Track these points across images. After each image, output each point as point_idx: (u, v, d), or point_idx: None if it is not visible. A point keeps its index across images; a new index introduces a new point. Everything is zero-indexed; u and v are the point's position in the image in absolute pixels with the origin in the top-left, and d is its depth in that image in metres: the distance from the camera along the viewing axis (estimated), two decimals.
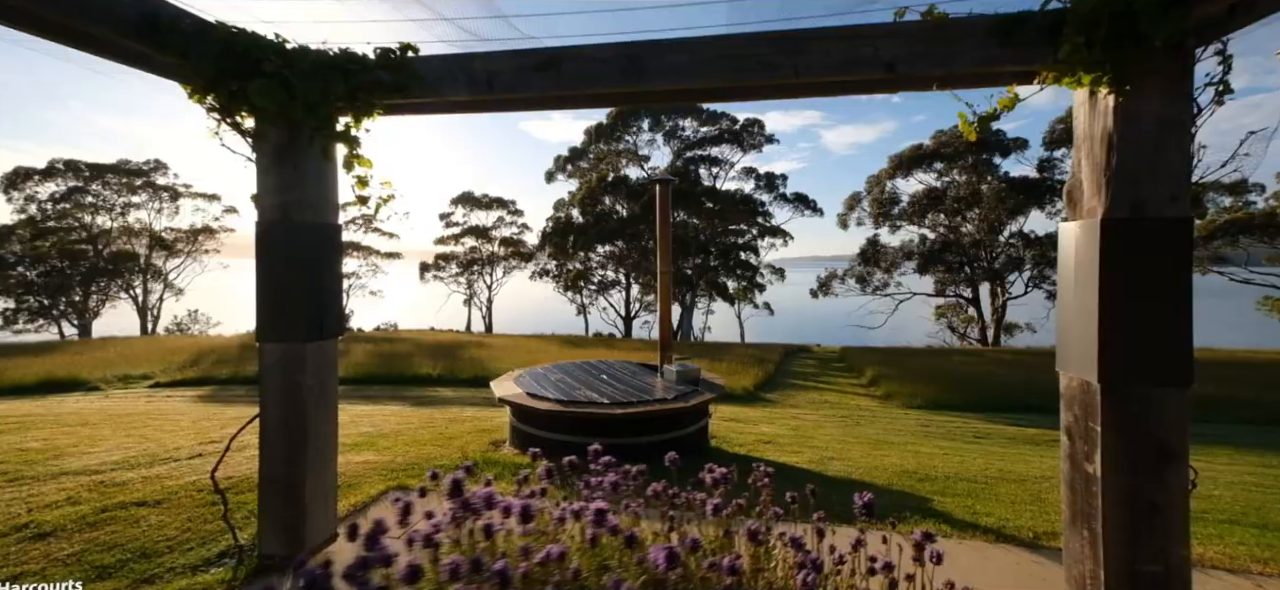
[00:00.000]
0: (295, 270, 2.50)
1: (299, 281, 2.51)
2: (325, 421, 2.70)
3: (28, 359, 15.31)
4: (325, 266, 2.63)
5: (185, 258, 35.38)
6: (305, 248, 2.53)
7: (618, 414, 4.65)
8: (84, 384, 13.34)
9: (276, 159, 2.47)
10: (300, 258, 2.51)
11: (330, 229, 2.65)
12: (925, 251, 29.89)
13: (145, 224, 34.41)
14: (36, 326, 30.74)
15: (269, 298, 2.52)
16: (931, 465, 5.59)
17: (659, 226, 6.17)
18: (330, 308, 2.65)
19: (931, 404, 12.92)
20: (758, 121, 30.39)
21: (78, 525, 3.07)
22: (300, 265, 2.51)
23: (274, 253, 2.51)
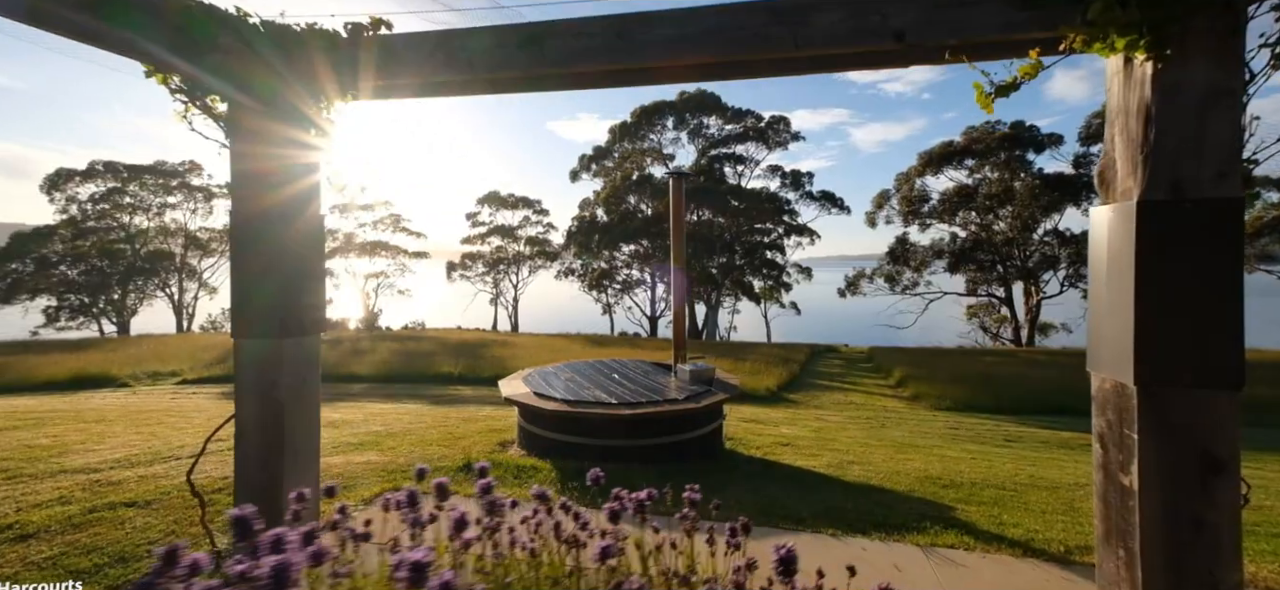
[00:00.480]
0: (272, 264, 2.41)
1: (276, 276, 2.43)
2: (305, 423, 2.61)
3: (63, 355, 15.95)
4: (304, 258, 2.54)
5: (218, 257, 36.49)
6: (285, 238, 2.44)
7: (624, 415, 4.51)
8: (114, 380, 13.81)
9: (251, 144, 2.39)
10: (277, 251, 2.42)
11: (311, 219, 2.57)
12: (956, 250, 29.02)
13: (181, 224, 35.62)
14: (77, 324, 31.95)
15: (243, 292, 2.44)
16: (957, 470, 5.31)
17: (673, 222, 6.02)
18: (310, 303, 2.57)
19: (961, 406, 12.46)
20: (783, 118, 29.94)
21: (62, 526, 3.06)
22: (278, 259, 2.42)
23: (248, 244, 2.43)
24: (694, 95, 30.06)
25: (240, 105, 2.35)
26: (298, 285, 2.52)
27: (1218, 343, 1.67)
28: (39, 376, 13.69)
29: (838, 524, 3.31)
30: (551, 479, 4.03)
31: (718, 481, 4.17)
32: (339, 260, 36.28)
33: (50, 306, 31.48)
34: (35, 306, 31.04)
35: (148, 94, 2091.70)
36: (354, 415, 7.59)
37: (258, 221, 2.43)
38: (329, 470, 4.13)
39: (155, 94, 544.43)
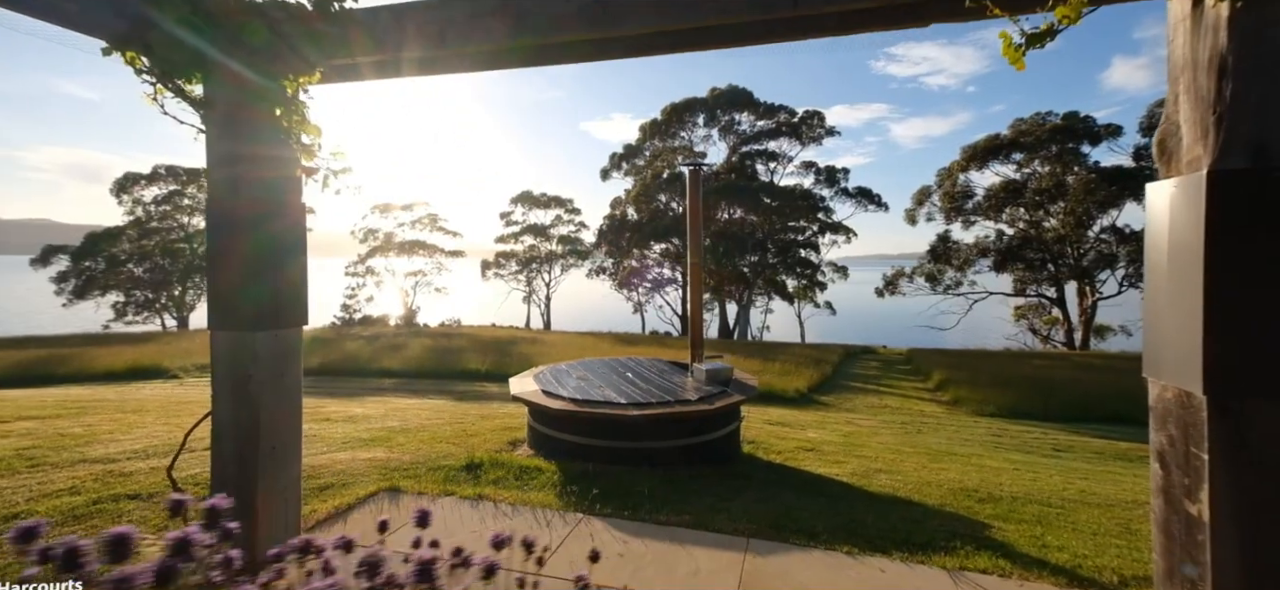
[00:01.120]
0: (247, 252, 2.31)
1: (251, 265, 2.32)
2: (283, 420, 2.49)
3: (122, 348, 16.83)
4: (283, 247, 2.43)
5: None
6: (259, 227, 2.33)
7: (632, 416, 4.31)
8: (165, 372, 14.45)
9: (227, 128, 2.29)
10: (253, 238, 2.32)
11: (286, 205, 2.45)
12: (1002, 248, 27.62)
13: None
14: (143, 318, 33.91)
15: (219, 282, 2.34)
16: (997, 482, 4.90)
17: (690, 215, 5.78)
18: (289, 295, 2.46)
19: (1006, 412, 11.76)
20: (817, 113, 29.15)
21: (64, 517, 3.05)
22: (253, 246, 2.32)
23: (223, 232, 2.33)
24: (725, 91, 29.58)
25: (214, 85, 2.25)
26: (274, 275, 2.40)
27: None
28: (98, 367, 14.47)
29: (856, 540, 3.03)
30: (553, 482, 3.86)
31: (730, 488, 3.93)
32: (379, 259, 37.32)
33: (118, 302, 33.51)
34: (106, 302, 33.08)
35: None
36: (375, 410, 7.64)
37: (232, 208, 2.32)
38: (332, 466, 4.07)
39: None
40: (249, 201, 2.31)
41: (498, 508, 3.30)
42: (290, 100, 2.17)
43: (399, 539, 2.85)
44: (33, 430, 5.43)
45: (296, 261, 2.50)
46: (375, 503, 3.33)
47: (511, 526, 3.03)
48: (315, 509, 3.18)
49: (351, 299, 35.72)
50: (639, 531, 3.02)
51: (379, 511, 3.20)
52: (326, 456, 4.36)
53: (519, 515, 3.20)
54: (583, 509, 3.30)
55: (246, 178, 2.32)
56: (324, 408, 7.84)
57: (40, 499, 3.41)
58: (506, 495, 3.49)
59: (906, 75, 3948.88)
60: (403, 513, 3.18)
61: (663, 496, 3.61)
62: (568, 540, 2.89)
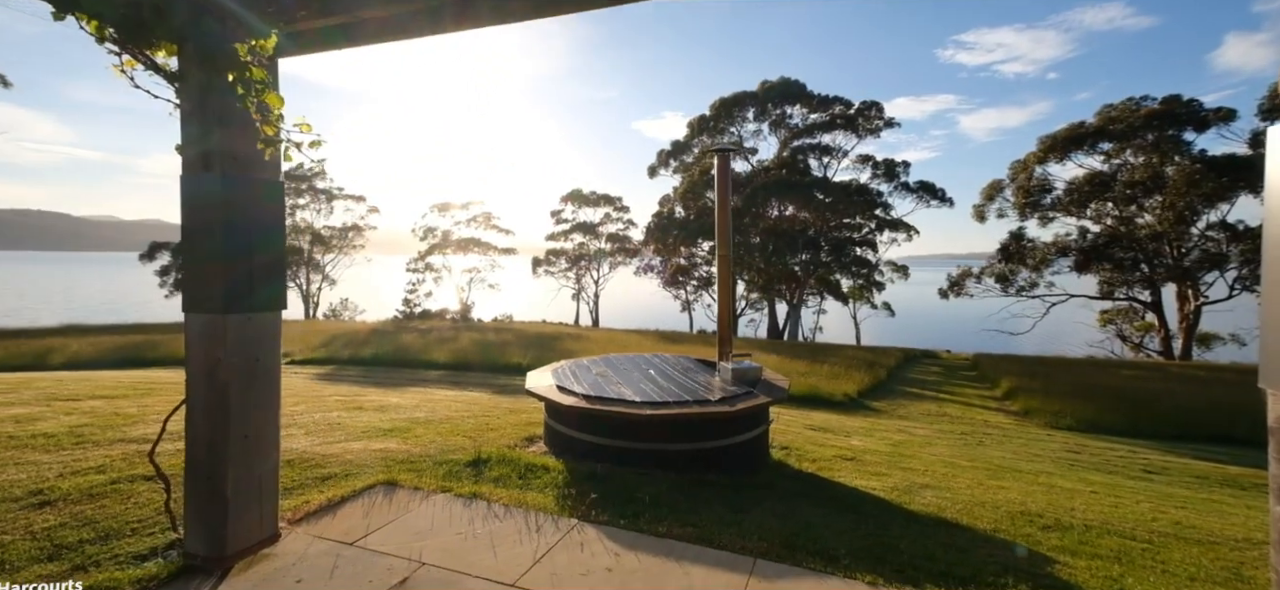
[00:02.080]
0: (217, 230, 2.19)
1: (222, 243, 2.20)
2: (257, 407, 2.38)
3: None
4: (256, 227, 2.31)
5: (337, 253, 40.26)
6: (231, 204, 2.22)
7: (645, 415, 4.02)
8: None
9: (200, 103, 2.19)
10: (224, 216, 2.20)
11: (262, 184, 2.33)
12: (1085, 247, 25.28)
13: (308, 223, 39.71)
14: None
15: (191, 262, 2.24)
16: (1068, 507, 4.27)
17: (718, 204, 5.41)
18: (263, 276, 2.34)
19: (1086, 425, 10.63)
20: (875, 104, 27.72)
21: (82, 496, 3.07)
22: (224, 224, 2.20)
23: (195, 210, 2.23)
24: (777, 84, 28.65)
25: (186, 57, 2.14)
26: (247, 257, 2.29)
27: None
28: (178, 353, 15.60)
29: (883, 568, 2.62)
30: (557, 482, 3.63)
31: (746, 499, 3.57)
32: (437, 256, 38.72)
33: None
34: None
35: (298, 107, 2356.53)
36: (408, 401, 7.70)
37: (203, 185, 2.22)
38: (342, 456, 4.01)
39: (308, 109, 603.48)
40: (221, 178, 2.19)
41: (491, 508, 3.09)
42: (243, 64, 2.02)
43: (381, 538, 2.70)
44: (96, 409, 5.73)
45: (273, 242, 2.37)
46: (369, 497, 3.21)
47: (498, 530, 2.82)
48: (309, 499, 3.08)
49: (412, 294, 37.26)
50: (634, 543, 2.73)
51: (370, 506, 3.06)
52: (340, 446, 4.32)
53: (510, 517, 2.99)
54: (578, 514, 3.04)
55: (219, 153, 2.20)
56: (362, 396, 7.99)
57: (68, 476, 3.48)
58: (503, 495, 3.29)
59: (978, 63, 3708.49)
60: (393, 509, 3.04)
61: (670, 504, 3.31)
62: (555, 549, 2.64)
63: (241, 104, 1.99)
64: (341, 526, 2.77)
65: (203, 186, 2.18)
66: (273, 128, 2.06)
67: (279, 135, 2.08)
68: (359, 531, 2.71)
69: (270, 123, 2.05)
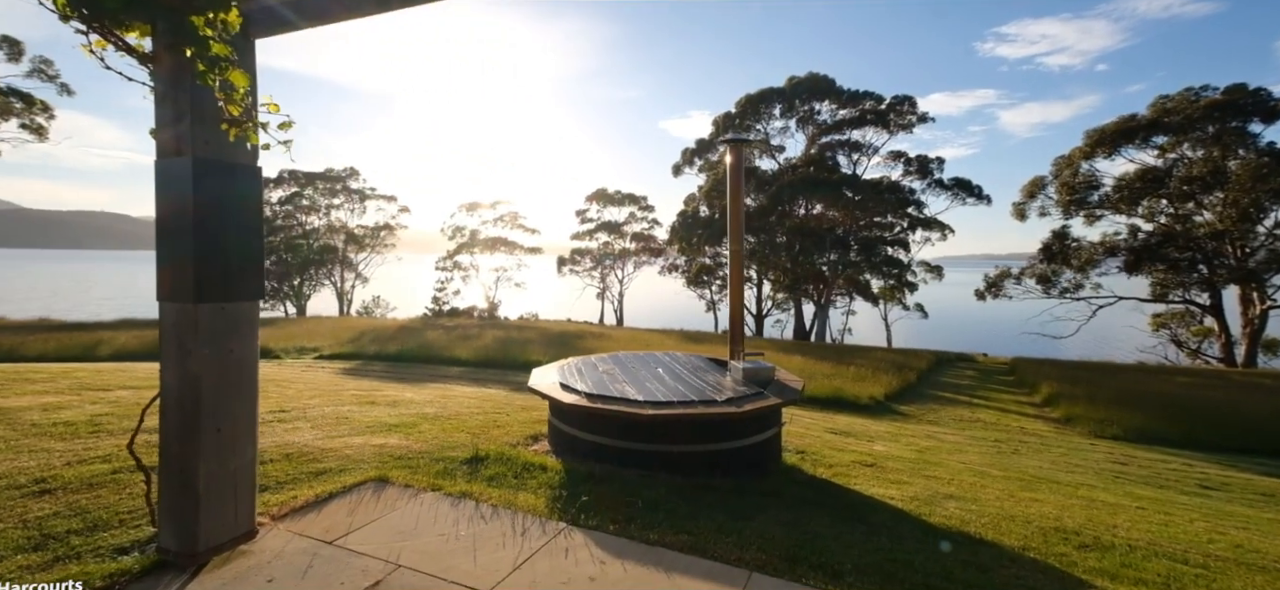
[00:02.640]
0: (189, 217, 2.12)
1: (193, 231, 2.13)
2: (232, 400, 2.31)
3: None
4: (231, 215, 2.24)
5: (370, 251, 41.27)
6: (204, 191, 2.15)
7: (647, 415, 3.85)
8: (268, 353, 15.81)
9: (173, 84, 2.12)
10: (196, 203, 2.13)
11: (238, 170, 2.25)
12: (1136, 246, 23.94)
13: (342, 222, 40.84)
14: (270, 306, 38.03)
15: (163, 248, 2.18)
16: (1110, 524, 3.93)
17: (730, 196, 5.20)
18: (238, 265, 2.26)
19: (1135, 435, 10.00)
20: (908, 98, 26.86)
21: (81, 486, 3.08)
22: (196, 212, 2.13)
23: (168, 195, 2.17)
24: (805, 79, 28.03)
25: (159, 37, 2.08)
26: (221, 245, 2.21)
27: None
28: None
29: (892, 587, 2.40)
30: (552, 483, 3.50)
31: (750, 505, 3.37)
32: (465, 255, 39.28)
33: None
34: None
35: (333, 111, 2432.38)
36: (423, 396, 7.71)
37: (175, 170, 2.15)
38: (340, 451, 3.97)
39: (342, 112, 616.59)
40: (193, 163, 2.12)
41: (479, 508, 2.98)
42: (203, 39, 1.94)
43: (362, 537, 2.61)
44: (120, 399, 5.85)
45: (249, 231, 2.29)
46: (357, 493, 3.13)
47: (482, 532, 2.70)
48: (297, 495, 3.02)
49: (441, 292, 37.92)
50: (622, 551, 2.58)
51: (357, 504, 2.98)
52: (341, 440, 4.29)
53: (497, 519, 2.87)
54: (568, 518, 2.90)
55: (191, 137, 2.12)
56: (379, 391, 8.04)
57: (75, 464, 3.51)
58: (494, 495, 3.18)
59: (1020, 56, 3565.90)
60: (380, 507, 2.95)
61: (667, 508, 3.13)
62: (537, 555, 2.51)
63: (201, 81, 1.90)
64: (324, 524, 2.69)
65: (174, 172, 2.12)
66: (237, 107, 1.97)
67: (245, 116, 1.99)
68: (341, 529, 2.63)
69: (235, 102, 1.96)
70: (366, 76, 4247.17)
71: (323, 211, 40.87)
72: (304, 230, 40.03)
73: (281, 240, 38.57)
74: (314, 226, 40.40)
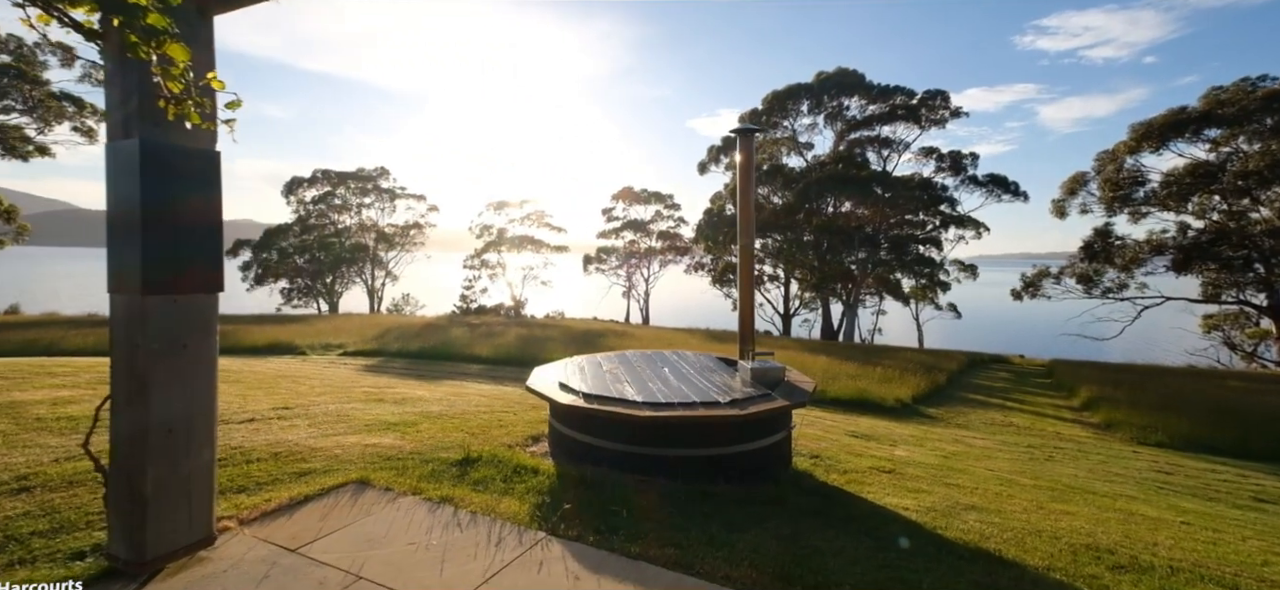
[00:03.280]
0: (137, 203, 2.02)
1: (142, 217, 2.03)
2: (186, 398, 2.20)
3: (270, 326, 19.18)
4: (183, 200, 2.13)
5: (399, 250, 42.03)
6: (152, 173, 2.05)
7: (644, 417, 3.67)
8: (295, 349, 16.16)
9: (121, 63, 2.03)
10: (144, 186, 2.03)
11: (190, 153, 2.15)
12: (1186, 244, 22.63)
13: (373, 221, 41.70)
14: (304, 302, 39.09)
15: (113, 237, 2.09)
16: (1150, 541, 3.59)
17: (740, 189, 4.97)
18: (192, 255, 2.16)
19: (1182, 442, 9.36)
20: (940, 93, 25.96)
21: (60, 484, 3.04)
22: (144, 196, 2.03)
23: (116, 180, 2.07)
24: (833, 75, 27.37)
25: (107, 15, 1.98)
26: (172, 233, 2.11)
27: None
28: (244, 343, 16.56)
29: None
30: (542, 487, 3.35)
31: (750, 515, 3.15)
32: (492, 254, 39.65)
33: (285, 288, 38.96)
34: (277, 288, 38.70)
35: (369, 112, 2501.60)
36: (435, 394, 7.68)
37: (125, 153, 2.05)
38: (328, 452, 3.89)
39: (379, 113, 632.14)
40: (140, 146, 2.02)
41: (457, 515, 2.84)
42: (132, 7, 1.82)
43: (329, 544, 2.49)
44: None
45: (203, 218, 2.18)
46: (335, 496, 3.03)
47: (455, 542, 2.56)
48: (271, 497, 2.94)
49: (468, 290, 38.38)
50: (600, 565, 2.40)
51: (332, 508, 2.88)
52: (335, 439, 4.23)
53: (474, 527, 2.72)
54: (548, 527, 2.74)
55: (138, 118, 2.02)
56: (392, 388, 8.04)
57: (62, 461, 3.47)
58: (476, 501, 3.04)
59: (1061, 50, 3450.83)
60: (356, 511, 2.84)
61: (658, 518, 2.95)
62: (509, 568, 2.35)
63: (133, 54, 1.79)
64: (293, 529, 2.59)
65: (122, 156, 2.03)
66: (177, 84, 1.86)
67: (185, 93, 1.87)
68: (309, 535, 2.53)
69: (174, 78, 1.85)
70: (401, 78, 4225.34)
71: (354, 210, 41.79)
72: (336, 229, 40.99)
73: (315, 239, 39.58)
74: (346, 225, 41.33)
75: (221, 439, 3.98)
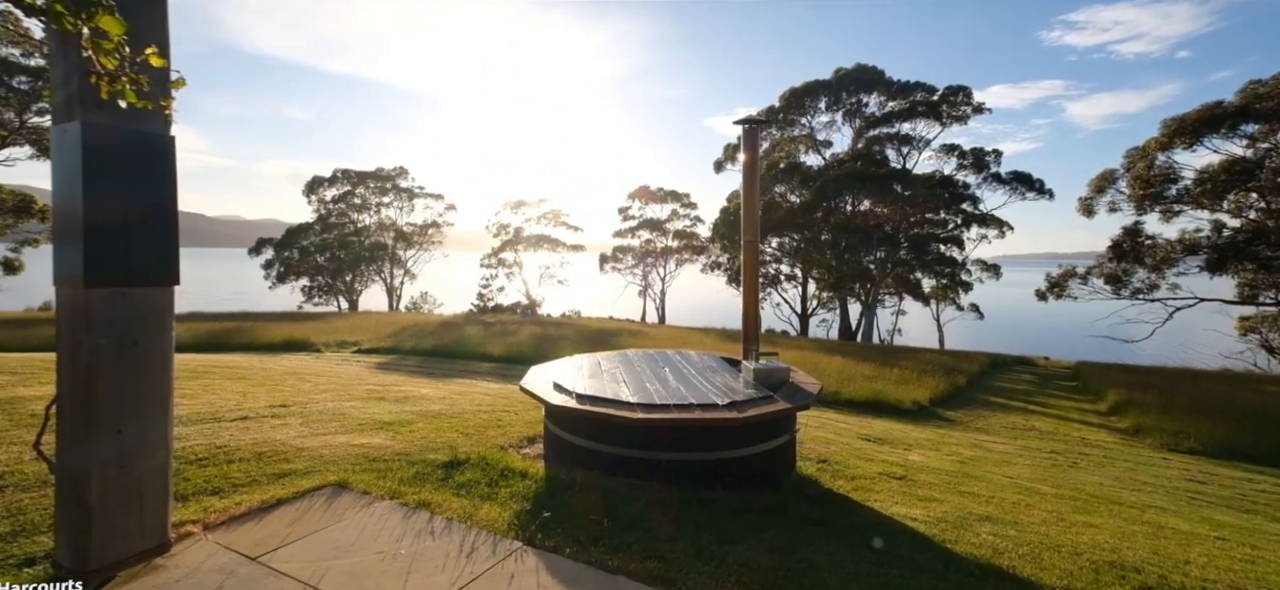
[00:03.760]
0: (79, 188, 1.92)
1: (84, 203, 1.93)
2: (136, 398, 2.09)
3: (287, 324, 19.42)
4: (130, 186, 2.03)
5: (418, 248, 42.42)
6: (96, 157, 1.94)
7: (637, 419, 3.50)
8: (310, 346, 16.31)
9: (63, 40, 1.92)
10: (87, 171, 1.92)
11: (139, 136, 2.03)
12: (1221, 244, 21.72)
13: (392, 220, 42.14)
14: (325, 300, 39.65)
15: (58, 226, 1.99)
16: (1180, 559, 3.32)
17: (744, 185, 4.78)
18: (141, 244, 2.05)
19: (1216, 449, 8.91)
20: (962, 89, 25.30)
21: (35, 484, 2.94)
22: (87, 181, 1.92)
23: (60, 164, 1.97)
24: (852, 71, 26.86)
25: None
26: (117, 220, 2.00)
27: None
28: (260, 340, 16.77)
29: None
30: (527, 493, 3.20)
31: (745, 524, 2.97)
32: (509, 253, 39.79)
33: (306, 286, 39.57)
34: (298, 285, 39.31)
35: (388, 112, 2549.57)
36: (439, 392, 7.61)
37: (69, 136, 1.95)
38: (314, 452, 3.80)
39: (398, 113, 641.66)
40: (82, 128, 1.91)
41: (432, 522, 2.71)
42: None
43: (291, 552, 2.38)
44: None
45: (154, 205, 2.07)
46: (309, 500, 2.92)
47: (424, 551, 2.42)
48: (242, 501, 2.84)
49: (485, 289, 38.58)
50: (575, 579, 2.25)
51: (303, 512, 2.77)
52: (324, 438, 4.14)
53: (448, 535, 2.59)
54: (526, 536, 2.60)
55: (80, 99, 1.92)
56: (397, 386, 8.00)
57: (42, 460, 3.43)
58: (456, 506, 2.91)
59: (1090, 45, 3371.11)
60: (328, 516, 2.73)
61: (645, 527, 2.78)
62: (477, 582, 2.21)
63: (57, 25, 1.67)
64: (258, 535, 2.48)
65: (66, 139, 1.92)
66: (111, 60, 1.74)
67: (120, 70, 1.76)
68: (274, 542, 2.42)
69: (106, 53, 1.73)
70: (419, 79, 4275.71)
71: (373, 209, 42.28)
72: (356, 227, 41.51)
73: (335, 237, 40.14)
74: (365, 224, 41.83)
75: (209, 438, 3.92)
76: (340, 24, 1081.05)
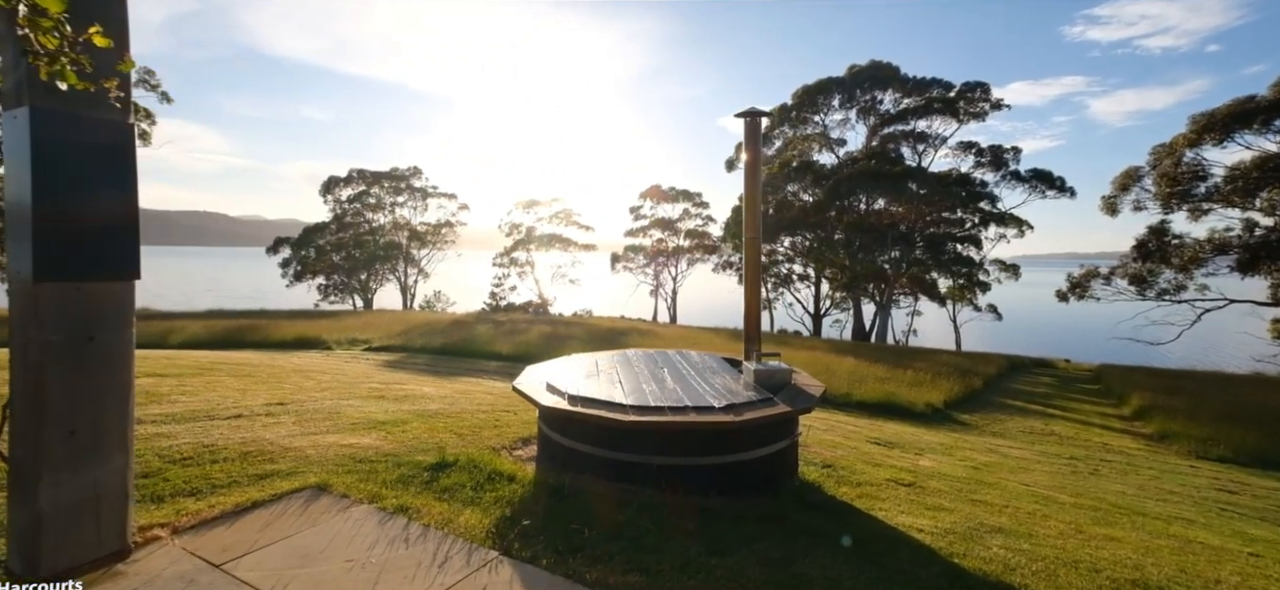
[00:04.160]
0: (27, 177, 1.83)
1: (33, 192, 1.84)
2: (92, 398, 1.99)
3: (300, 322, 19.60)
4: (87, 175, 1.94)
5: (431, 248, 42.73)
6: (47, 144, 1.85)
7: (629, 422, 3.36)
8: (321, 344, 16.41)
9: (11, 22, 1.83)
10: (35, 158, 1.83)
11: (94, 123, 1.94)
12: (1253, 243, 20.95)
13: (406, 220, 42.51)
14: (340, 298, 40.12)
15: (10, 217, 1.91)
16: (1210, 578, 3.10)
17: (746, 179, 4.61)
18: (96, 236, 1.96)
19: (1248, 457, 8.54)
20: (980, 85, 24.76)
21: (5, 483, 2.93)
22: (36, 168, 1.83)
23: (11, 153, 1.89)
24: (866, 68, 26.43)
25: None
26: (70, 210, 1.91)
27: None
28: (273, 337, 16.93)
29: None
30: (512, 498, 3.08)
31: (738, 534, 2.82)
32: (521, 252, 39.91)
33: (322, 284, 40.08)
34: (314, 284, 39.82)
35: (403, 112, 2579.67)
36: (440, 390, 7.54)
37: (18, 123, 1.86)
38: (299, 452, 3.72)
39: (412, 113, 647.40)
40: (31, 114, 1.82)
41: (408, 528, 2.60)
42: None
43: (258, 559, 2.28)
44: (145, 387, 5.94)
45: (110, 195, 1.97)
46: (286, 503, 2.83)
47: (395, 560, 2.31)
48: (217, 503, 2.75)
49: (497, 288, 38.73)
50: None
51: (277, 516, 2.68)
52: (313, 438, 4.06)
53: (422, 543, 2.48)
54: (503, 545, 2.47)
55: (30, 84, 1.82)
56: (400, 385, 7.95)
57: None
58: (435, 511, 2.79)
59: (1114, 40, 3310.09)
60: (302, 521, 2.63)
61: (631, 536, 2.65)
62: None
63: None
64: (227, 540, 2.39)
65: (16, 126, 1.84)
66: (51, 39, 1.64)
67: (60, 49, 1.66)
68: (241, 548, 2.32)
69: (45, 32, 1.63)
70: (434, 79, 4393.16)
71: (388, 209, 42.68)
72: (371, 227, 41.94)
73: (350, 236, 40.60)
74: (380, 223, 42.24)
75: (198, 436, 3.86)
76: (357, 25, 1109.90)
